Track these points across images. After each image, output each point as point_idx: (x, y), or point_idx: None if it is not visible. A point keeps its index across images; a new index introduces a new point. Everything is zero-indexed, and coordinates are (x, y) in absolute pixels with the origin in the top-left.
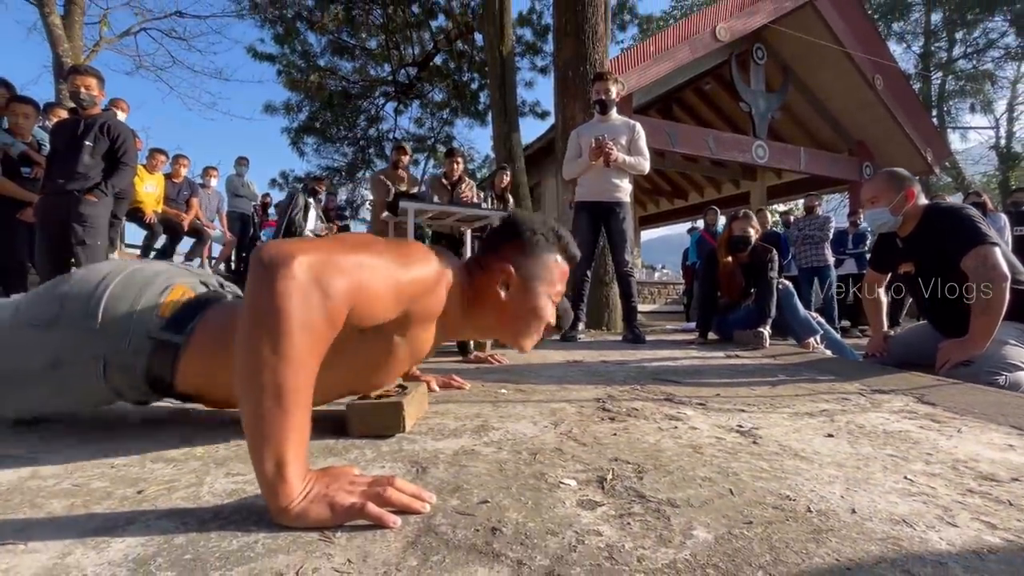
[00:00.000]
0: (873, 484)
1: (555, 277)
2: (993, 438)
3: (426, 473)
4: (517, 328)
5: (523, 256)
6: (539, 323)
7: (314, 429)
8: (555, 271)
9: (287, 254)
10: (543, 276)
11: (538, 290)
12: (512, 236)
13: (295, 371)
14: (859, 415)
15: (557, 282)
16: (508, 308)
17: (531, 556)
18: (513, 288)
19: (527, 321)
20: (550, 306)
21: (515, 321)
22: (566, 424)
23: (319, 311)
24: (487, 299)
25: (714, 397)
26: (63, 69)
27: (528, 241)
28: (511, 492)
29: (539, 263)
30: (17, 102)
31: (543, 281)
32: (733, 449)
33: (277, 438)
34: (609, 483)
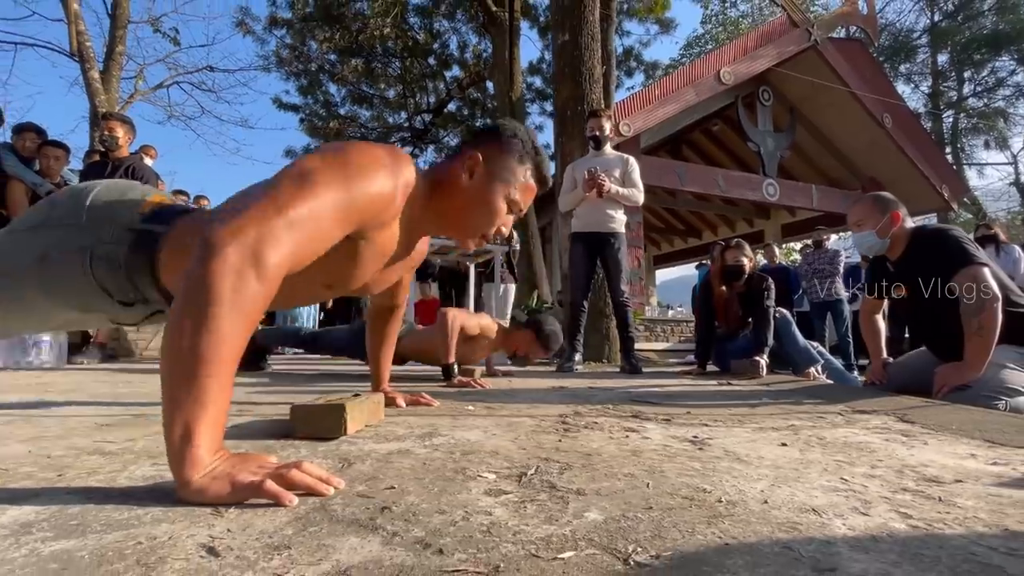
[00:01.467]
0: (802, 482)
1: (519, 183)
2: (958, 449)
3: (350, 467)
4: (467, 220)
5: (495, 153)
6: (489, 220)
7: (258, 432)
8: (520, 178)
9: (224, 236)
10: (507, 177)
11: (497, 187)
12: (492, 134)
13: (216, 346)
14: (827, 430)
15: (519, 191)
16: (465, 195)
17: (408, 529)
18: (476, 177)
19: (478, 214)
20: (504, 210)
21: (468, 211)
22: (515, 433)
23: (252, 288)
24: (449, 183)
25: (683, 415)
26: (98, 119)
27: (504, 140)
28: (423, 482)
29: (508, 164)
30: (48, 146)
31: (505, 182)
32: (674, 454)
33: (189, 407)
34: (528, 477)
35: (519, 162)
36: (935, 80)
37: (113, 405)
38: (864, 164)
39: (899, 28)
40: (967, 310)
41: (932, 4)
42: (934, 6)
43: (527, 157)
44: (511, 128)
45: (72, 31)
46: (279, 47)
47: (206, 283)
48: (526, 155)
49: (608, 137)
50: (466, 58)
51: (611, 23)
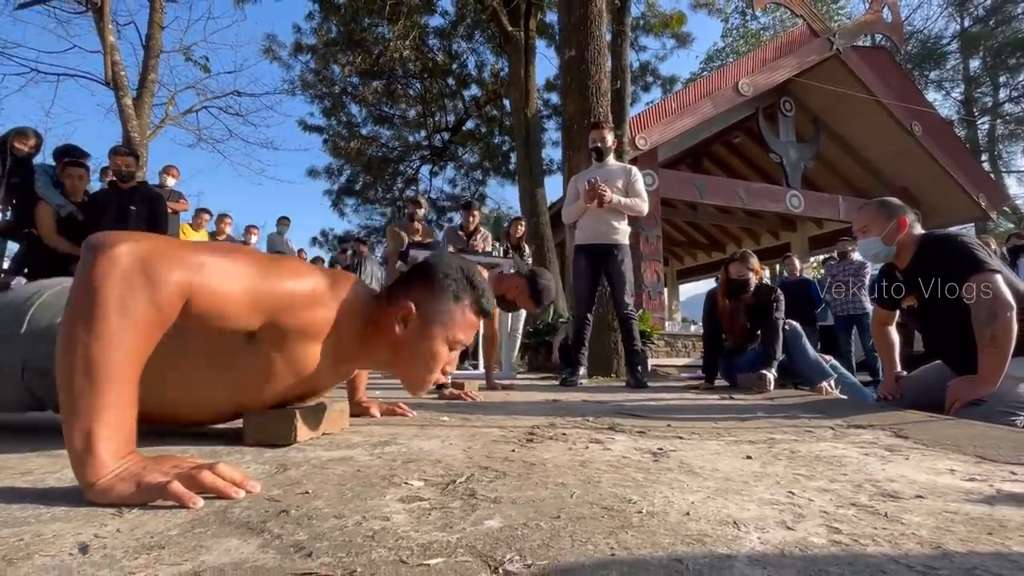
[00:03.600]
0: (743, 495)
1: (458, 325)
2: (939, 465)
3: (283, 472)
4: (409, 369)
5: (428, 297)
6: (430, 368)
7: (210, 437)
8: (459, 319)
9: (114, 241)
10: (443, 321)
11: (435, 333)
12: (424, 276)
13: (107, 350)
14: (806, 444)
15: (460, 331)
16: (403, 345)
17: (294, 532)
18: (411, 326)
19: (419, 363)
20: (445, 353)
21: (408, 361)
22: (474, 443)
23: (142, 297)
24: (383, 332)
25: (662, 428)
26: (130, 142)
27: (437, 283)
28: (343, 488)
29: (442, 307)
30: (71, 166)
31: (442, 326)
32: (624, 465)
33: (87, 414)
34: (455, 485)
35: (455, 301)
36: (968, 86)
37: None
38: (894, 174)
39: (927, 35)
40: (979, 320)
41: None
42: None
43: (463, 294)
44: (441, 268)
45: (107, 61)
46: (304, 72)
47: (93, 287)
48: (462, 292)
49: (610, 148)
50: (484, 77)
51: (625, 38)
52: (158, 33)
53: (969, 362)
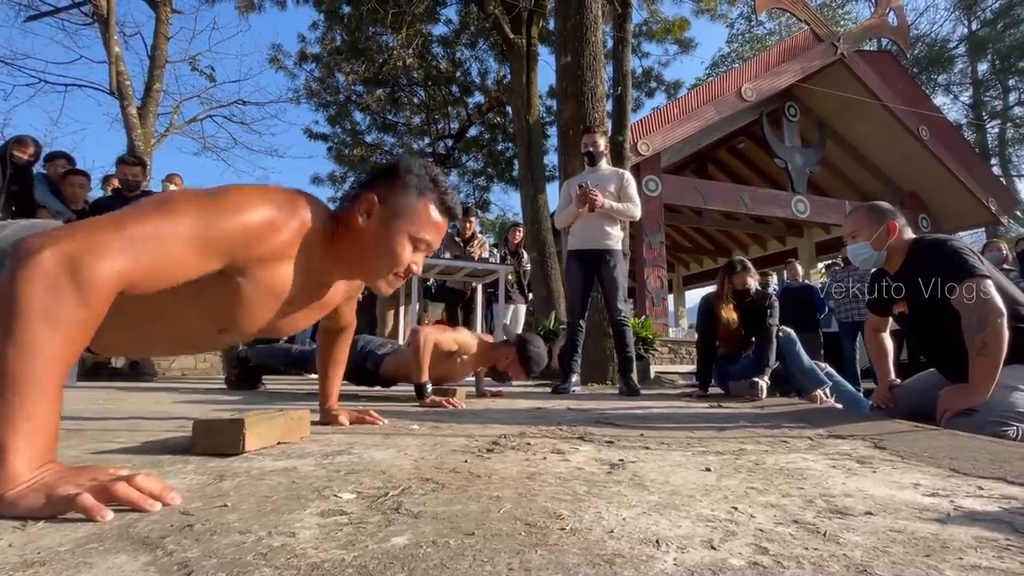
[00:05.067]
0: (681, 511)
1: (421, 220)
2: (905, 478)
3: (216, 483)
4: (370, 263)
5: (392, 191)
6: (393, 261)
7: (157, 447)
8: (422, 215)
9: (39, 244)
10: (407, 215)
11: (398, 226)
12: (387, 171)
13: (26, 359)
14: (774, 456)
15: (423, 228)
16: (366, 239)
17: (188, 548)
18: (374, 218)
19: (380, 256)
20: (408, 249)
21: (369, 255)
22: (430, 453)
23: (68, 302)
24: (348, 228)
25: (634, 437)
26: (134, 151)
27: (400, 178)
28: (267, 500)
29: (406, 202)
30: (72, 174)
31: (405, 219)
32: (572, 477)
33: (1, 424)
34: (385, 498)
35: (418, 196)
36: (976, 90)
37: (64, 419)
38: (901, 178)
39: (934, 38)
40: (969, 327)
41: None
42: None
43: (426, 191)
44: (406, 164)
45: (112, 71)
46: (308, 80)
47: (12, 294)
48: (425, 189)
49: (603, 153)
50: (487, 84)
51: (627, 44)
52: (163, 43)
53: (961, 370)
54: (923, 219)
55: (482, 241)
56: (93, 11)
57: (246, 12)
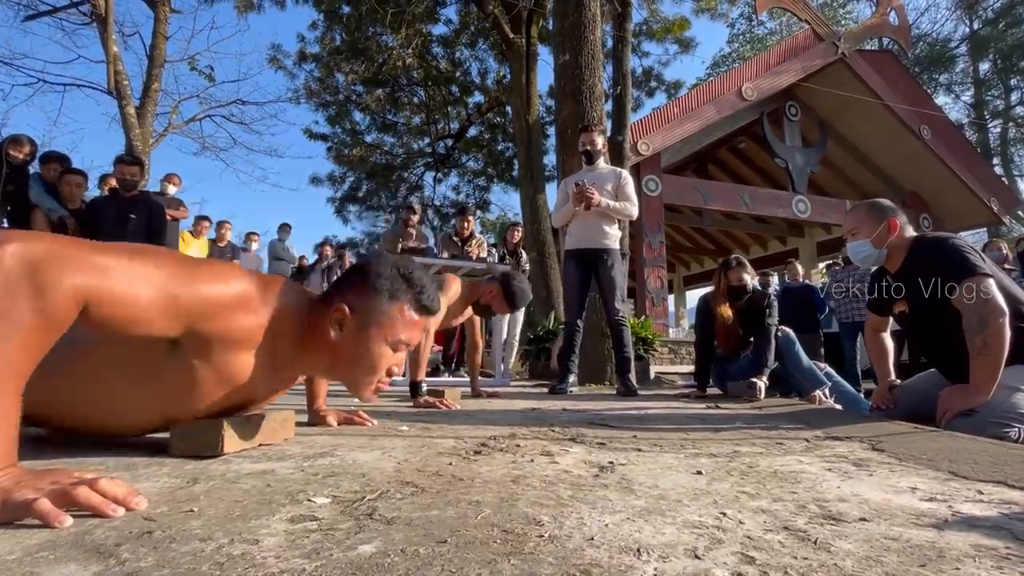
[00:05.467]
0: (668, 516)
1: (397, 325)
2: (903, 482)
3: (188, 487)
4: (349, 373)
5: (364, 298)
6: (372, 371)
7: (134, 448)
8: (398, 319)
9: (6, 242)
10: (381, 321)
11: (372, 335)
12: (357, 276)
13: None
14: (769, 458)
15: (401, 331)
16: (340, 350)
17: (142, 557)
18: (347, 330)
19: (359, 367)
20: (387, 355)
21: (348, 365)
22: (415, 456)
23: (24, 305)
24: (319, 336)
25: (627, 438)
26: (132, 151)
27: (371, 284)
28: (237, 505)
29: (379, 307)
30: (69, 173)
31: (379, 327)
32: (558, 481)
33: None
34: (360, 503)
35: (391, 300)
36: (978, 89)
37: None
38: (903, 178)
39: (935, 38)
40: (970, 327)
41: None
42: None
43: (399, 293)
44: (375, 267)
45: (110, 71)
46: (308, 80)
47: None
48: (398, 292)
49: (600, 151)
50: (487, 84)
51: (626, 44)
52: (162, 43)
53: (962, 370)
54: (924, 219)
55: (480, 241)
56: (91, 10)
57: (245, 12)
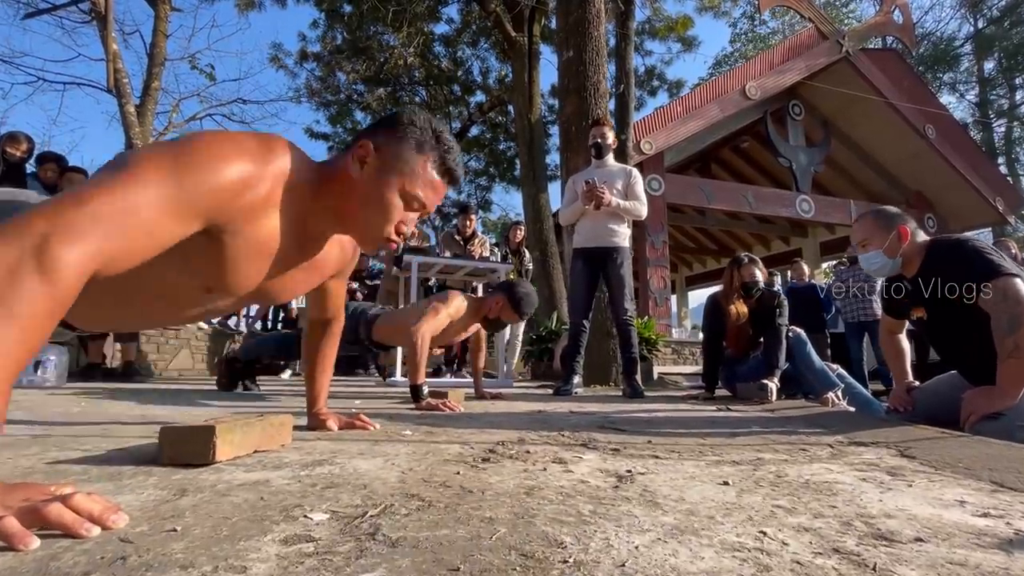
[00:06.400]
0: (703, 536)
1: (417, 177)
2: (947, 494)
3: (175, 500)
4: (359, 217)
5: (389, 141)
6: (383, 218)
7: (122, 457)
8: (419, 171)
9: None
10: (402, 169)
11: (391, 180)
12: (388, 121)
13: None
14: (796, 466)
15: (418, 185)
16: (355, 189)
17: None
18: (368, 168)
19: (371, 211)
20: (399, 204)
21: (360, 208)
22: (420, 464)
23: (31, 291)
24: (338, 176)
25: (641, 444)
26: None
27: (400, 130)
28: (226, 523)
29: (404, 155)
30: (70, 172)
31: (400, 174)
32: (576, 493)
33: None
34: (362, 519)
35: (417, 151)
36: (982, 88)
37: (35, 424)
38: (907, 178)
39: (940, 37)
40: (999, 329)
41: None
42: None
43: (427, 146)
44: (408, 115)
45: (110, 69)
46: (309, 79)
47: None
48: (425, 143)
49: (610, 146)
50: (489, 83)
51: (629, 42)
52: (162, 41)
53: (985, 372)
54: (929, 218)
55: (483, 240)
56: (91, 8)
57: (246, 10)
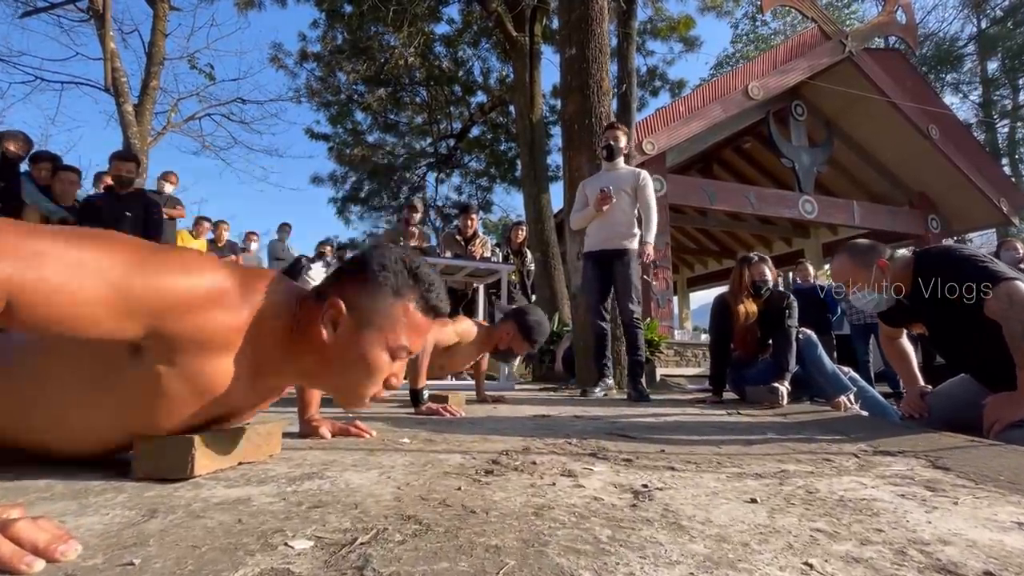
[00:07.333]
0: (739, 570)
1: (400, 327)
2: (1000, 514)
3: (144, 523)
4: (341, 380)
5: (362, 295)
6: (368, 380)
7: (89, 468)
8: (400, 320)
9: None
10: (380, 323)
11: (370, 338)
12: (357, 269)
13: None
14: (826, 479)
15: (402, 334)
16: (331, 352)
17: None
18: (341, 329)
19: (352, 373)
20: (385, 360)
21: (339, 371)
22: (418, 478)
23: None
24: (309, 336)
25: (654, 453)
26: (130, 149)
27: (372, 278)
28: (195, 552)
29: (379, 306)
30: (62, 171)
31: (381, 329)
32: (590, 513)
33: None
34: (350, 548)
35: (395, 298)
36: (986, 89)
37: None
38: (911, 179)
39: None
40: (1013, 335)
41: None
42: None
43: (405, 290)
44: (378, 260)
45: (107, 68)
46: (309, 79)
47: None
48: (403, 288)
49: (622, 150)
50: (490, 83)
51: (631, 42)
52: (161, 40)
53: (1002, 375)
54: (932, 219)
55: (484, 240)
56: (89, 7)
57: (245, 9)
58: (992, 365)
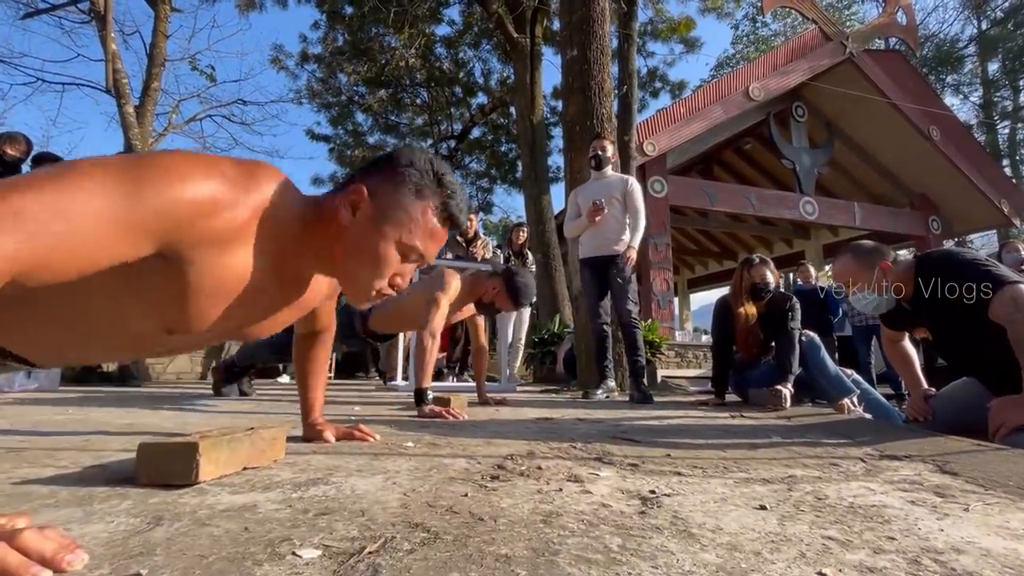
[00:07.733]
0: None
1: (416, 227)
2: (1011, 520)
3: (149, 531)
4: (349, 269)
5: (385, 187)
6: (375, 271)
7: (95, 475)
8: (418, 220)
9: None
10: (399, 218)
11: (385, 230)
12: (385, 161)
13: None
14: (834, 484)
15: (416, 236)
16: (346, 237)
17: None
18: (360, 215)
19: (361, 263)
20: (395, 257)
21: (350, 258)
22: (424, 483)
23: None
24: (327, 220)
25: (659, 458)
26: (131, 150)
27: (398, 172)
28: (202, 563)
29: (400, 200)
30: (46, 161)
31: (397, 223)
32: (599, 521)
33: None
34: (358, 557)
35: (415, 197)
36: (986, 90)
37: (13, 434)
38: (911, 180)
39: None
40: (1019, 339)
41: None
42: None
43: (427, 191)
44: (407, 156)
45: (108, 69)
46: (310, 81)
47: None
48: (425, 188)
49: (610, 159)
50: (490, 85)
51: (632, 43)
52: (162, 42)
53: (1003, 377)
54: (933, 221)
55: (485, 241)
56: (91, 8)
57: (247, 10)
58: (996, 368)
